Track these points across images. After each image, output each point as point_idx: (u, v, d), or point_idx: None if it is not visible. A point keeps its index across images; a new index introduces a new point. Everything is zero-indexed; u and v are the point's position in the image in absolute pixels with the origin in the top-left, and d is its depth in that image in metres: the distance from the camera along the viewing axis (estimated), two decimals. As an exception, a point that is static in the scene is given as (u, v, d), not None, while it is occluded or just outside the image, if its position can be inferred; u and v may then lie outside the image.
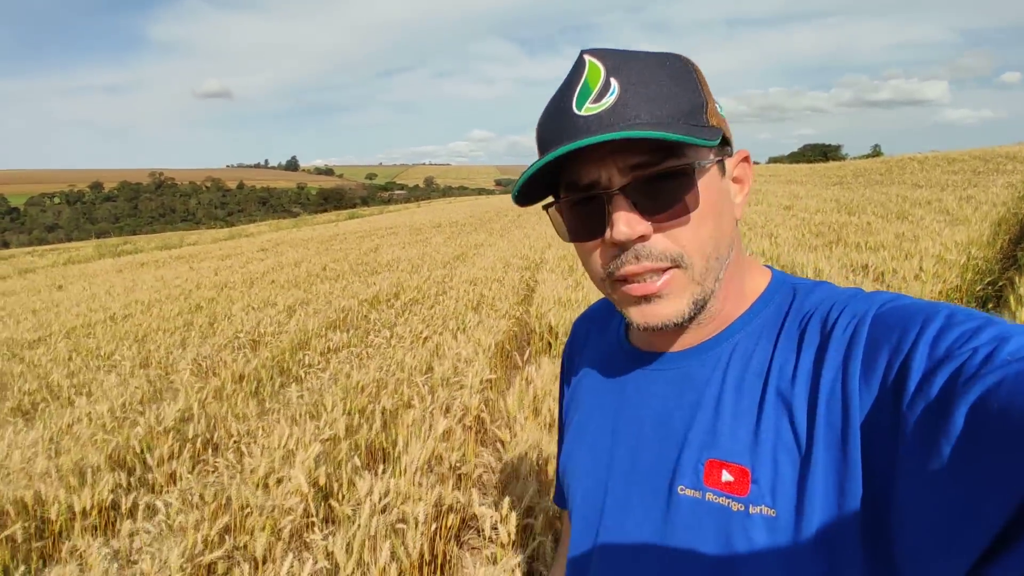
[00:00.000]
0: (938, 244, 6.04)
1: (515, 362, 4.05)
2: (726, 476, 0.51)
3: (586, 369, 0.70)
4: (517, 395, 3.12)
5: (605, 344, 0.69)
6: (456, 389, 3.32)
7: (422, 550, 1.94)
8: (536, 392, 3.11)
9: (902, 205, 10.44)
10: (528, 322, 5.11)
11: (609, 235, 0.51)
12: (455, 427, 2.77)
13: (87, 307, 8.54)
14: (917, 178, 16.33)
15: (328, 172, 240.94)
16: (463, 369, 3.60)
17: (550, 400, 2.97)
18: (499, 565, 1.79)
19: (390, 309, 6.32)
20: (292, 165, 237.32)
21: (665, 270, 0.52)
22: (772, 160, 78.70)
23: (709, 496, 0.51)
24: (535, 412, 2.98)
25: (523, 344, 4.89)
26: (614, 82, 0.49)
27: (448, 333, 4.66)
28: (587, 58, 0.51)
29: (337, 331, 5.44)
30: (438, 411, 3.03)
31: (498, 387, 3.69)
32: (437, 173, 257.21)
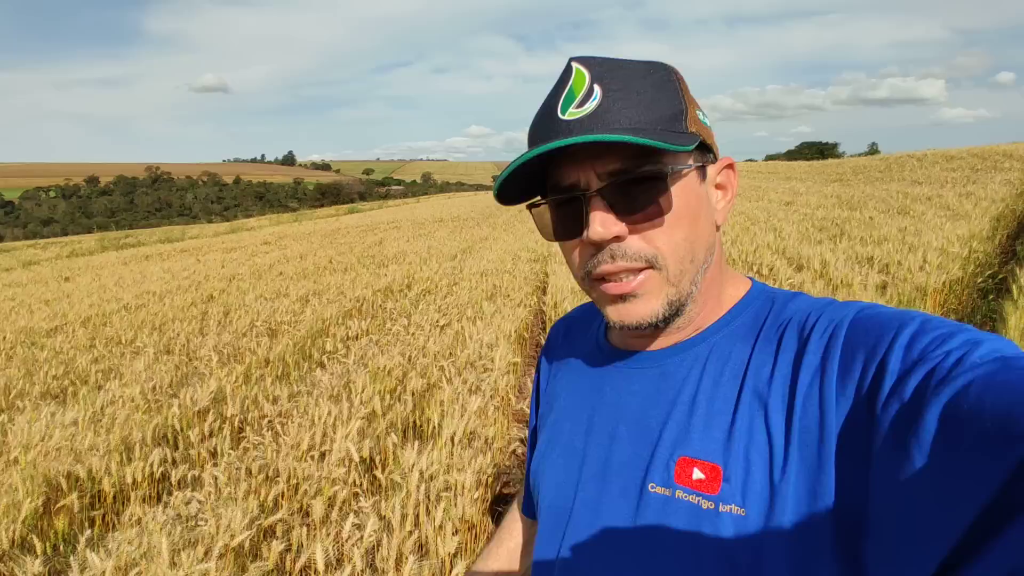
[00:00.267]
0: (941, 238, 6.18)
1: (532, 348, 4.18)
2: (697, 474, 0.51)
3: (563, 370, 0.71)
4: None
5: (584, 345, 0.70)
6: (482, 372, 3.44)
7: (469, 514, 2.07)
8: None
9: (903, 201, 10.59)
10: (543, 311, 5.24)
11: (586, 235, 0.53)
12: (487, 405, 2.90)
13: (99, 297, 8.63)
14: (916, 175, 16.51)
15: (325, 167, 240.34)
16: (487, 353, 3.72)
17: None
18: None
19: (404, 299, 6.44)
20: (289, 160, 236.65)
21: (640, 270, 0.53)
22: (769, 157, 78.90)
23: (679, 494, 0.52)
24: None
25: (537, 332, 5.02)
26: (597, 88, 0.52)
27: (466, 321, 4.79)
28: (574, 65, 0.54)
29: (354, 319, 5.55)
30: (466, 391, 3.15)
31: (517, 372, 3.82)
32: (434, 169, 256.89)
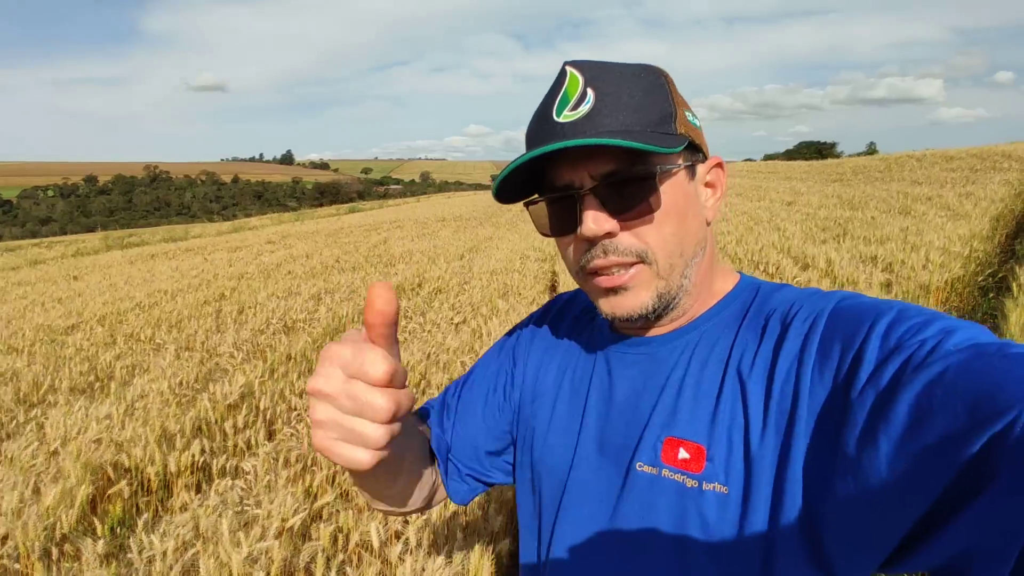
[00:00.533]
0: (942, 237, 6.31)
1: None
2: (683, 454, 0.53)
3: (559, 348, 0.72)
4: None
5: (584, 327, 0.72)
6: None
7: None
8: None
9: (904, 201, 10.73)
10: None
11: (580, 231, 0.55)
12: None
13: (112, 296, 8.73)
14: (916, 175, 16.66)
15: (323, 166, 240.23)
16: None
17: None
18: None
19: (416, 297, 6.55)
20: (287, 159, 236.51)
21: (631, 265, 0.55)
22: (767, 157, 79.10)
23: (665, 472, 0.54)
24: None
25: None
26: (590, 92, 0.54)
27: (481, 318, 4.90)
28: (568, 69, 0.56)
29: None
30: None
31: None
32: (433, 168, 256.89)
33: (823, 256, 5.76)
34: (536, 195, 0.60)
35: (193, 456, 2.75)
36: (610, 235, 0.55)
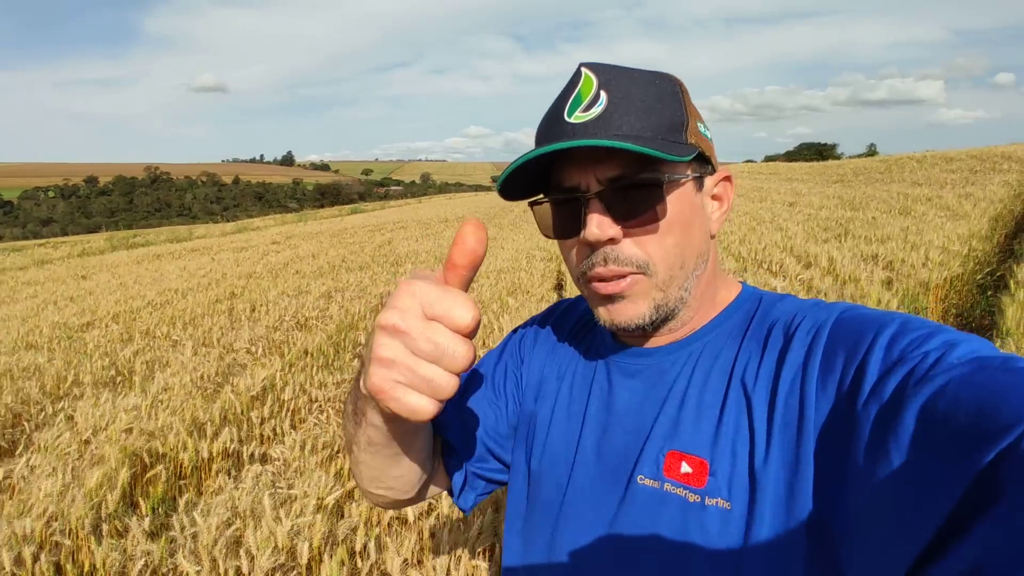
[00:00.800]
0: (941, 237, 6.44)
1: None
2: (685, 468, 0.52)
3: (560, 355, 0.71)
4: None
5: (586, 335, 0.71)
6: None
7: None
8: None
9: (904, 202, 10.86)
10: (563, 306, 5.49)
11: (583, 235, 0.55)
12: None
13: (123, 295, 8.85)
14: (916, 176, 16.80)
15: (324, 167, 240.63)
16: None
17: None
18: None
19: (425, 295, 6.67)
20: (288, 160, 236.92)
21: (630, 274, 0.55)
22: (768, 158, 79.43)
23: (667, 487, 0.53)
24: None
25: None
26: (603, 95, 0.53)
27: (492, 314, 5.03)
28: (583, 70, 0.55)
29: (381, 314, 5.79)
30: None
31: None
32: (433, 169, 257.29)
33: (825, 255, 5.89)
34: (541, 195, 0.60)
35: (224, 443, 2.88)
36: (613, 241, 0.55)
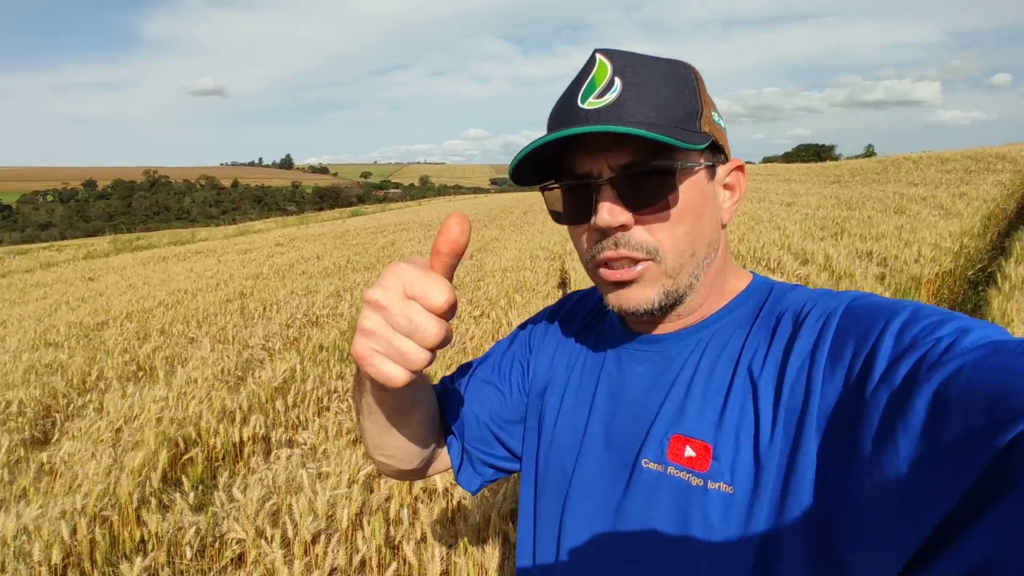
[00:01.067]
0: (934, 234, 6.63)
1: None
2: (689, 451, 0.53)
3: (570, 343, 0.72)
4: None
5: (596, 323, 0.72)
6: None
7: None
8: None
9: (899, 201, 11.07)
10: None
11: (594, 221, 0.55)
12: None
13: (133, 295, 9.02)
14: (912, 177, 17.01)
15: (323, 170, 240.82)
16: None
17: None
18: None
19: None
20: (287, 163, 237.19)
21: (640, 260, 0.55)
22: (766, 160, 79.89)
23: (671, 470, 0.54)
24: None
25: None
26: (618, 81, 0.53)
27: (500, 310, 5.21)
28: (598, 56, 0.55)
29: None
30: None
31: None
32: (432, 172, 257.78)
33: (822, 252, 6.07)
34: (553, 180, 0.60)
35: (254, 429, 3.05)
36: (624, 228, 0.55)
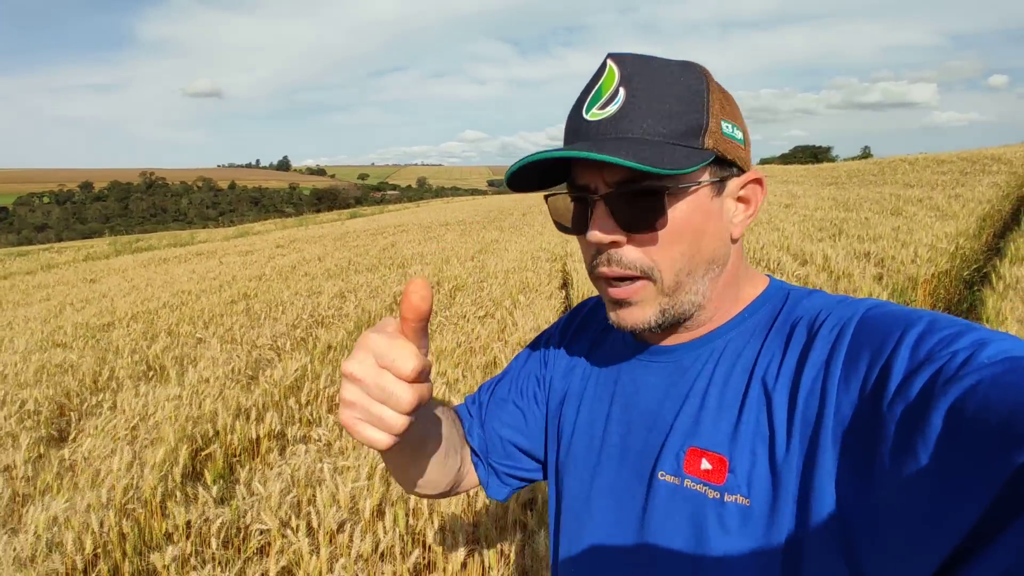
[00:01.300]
0: (930, 235, 6.74)
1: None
2: (705, 464, 0.53)
3: (585, 355, 0.72)
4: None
5: (608, 334, 0.72)
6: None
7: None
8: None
9: (896, 203, 11.19)
10: (571, 304, 5.75)
11: (587, 235, 0.56)
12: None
13: (137, 297, 9.07)
14: (908, 178, 17.16)
15: (320, 172, 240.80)
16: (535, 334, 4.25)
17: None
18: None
19: (437, 294, 6.94)
20: (284, 165, 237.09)
21: (635, 279, 0.55)
22: (763, 161, 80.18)
23: (687, 483, 0.53)
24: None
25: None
26: (622, 92, 0.53)
27: (505, 311, 5.29)
28: (609, 62, 0.55)
29: (397, 314, 6.05)
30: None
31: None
32: (429, 174, 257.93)
33: (820, 253, 6.18)
34: (555, 188, 0.61)
35: (270, 426, 3.12)
36: (616, 244, 0.55)
